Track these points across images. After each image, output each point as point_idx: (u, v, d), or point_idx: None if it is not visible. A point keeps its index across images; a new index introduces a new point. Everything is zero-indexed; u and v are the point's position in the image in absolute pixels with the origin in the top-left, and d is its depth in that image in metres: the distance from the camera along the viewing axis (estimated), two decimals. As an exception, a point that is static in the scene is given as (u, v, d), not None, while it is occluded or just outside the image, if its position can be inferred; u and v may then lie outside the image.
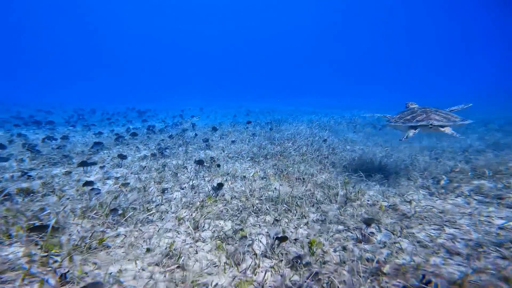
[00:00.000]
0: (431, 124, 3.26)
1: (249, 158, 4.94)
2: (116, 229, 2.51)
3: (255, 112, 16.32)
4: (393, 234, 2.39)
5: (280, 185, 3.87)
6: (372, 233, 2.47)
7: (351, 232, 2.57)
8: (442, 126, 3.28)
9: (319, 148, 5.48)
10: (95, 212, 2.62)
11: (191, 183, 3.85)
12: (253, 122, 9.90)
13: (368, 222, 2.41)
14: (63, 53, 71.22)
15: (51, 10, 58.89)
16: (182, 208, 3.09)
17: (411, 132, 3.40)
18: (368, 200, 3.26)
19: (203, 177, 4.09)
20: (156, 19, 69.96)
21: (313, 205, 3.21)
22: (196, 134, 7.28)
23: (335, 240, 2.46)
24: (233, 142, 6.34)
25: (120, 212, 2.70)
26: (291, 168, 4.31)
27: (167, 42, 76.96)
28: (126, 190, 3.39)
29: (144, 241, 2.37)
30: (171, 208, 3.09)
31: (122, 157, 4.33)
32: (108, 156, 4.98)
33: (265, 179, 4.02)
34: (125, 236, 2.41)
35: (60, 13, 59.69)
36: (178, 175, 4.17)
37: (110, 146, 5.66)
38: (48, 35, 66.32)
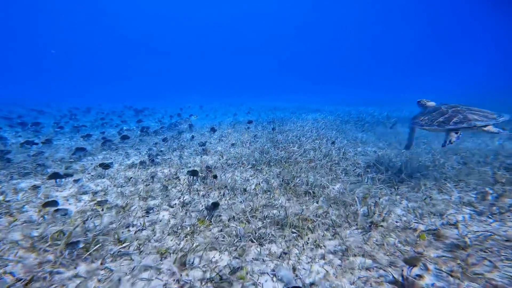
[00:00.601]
0: (475, 126, 2.98)
1: (250, 166, 4.35)
2: (75, 267, 1.94)
3: (256, 110, 15.66)
4: (452, 276, 1.78)
5: (287, 200, 3.28)
6: (419, 275, 1.86)
7: (384, 270, 1.98)
8: (485, 126, 3.03)
9: (328, 153, 4.85)
10: (48, 244, 2.05)
11: (182, 198, 3.28)
12: (255, 121, 9.27)
13: (412, 263, 1.80)
14: (67, 52, 71.00)
15: (57, 9, 58.75)
16: (169, 235, 2.52)
17: (454, 136, 3.11)
18: (397, 222, 2.66)
19: (197, 190, 3.51)
20: (158, 17, 69.01)
21: (328, 229, 2.62)
22: (193, 136, 6.69)
23: (365, 283, 1.87)
24: (232, 145, 5.75)
25: (83, 243, 2.13)
26: (298, 178, 3.71)
27: (170, 39, 76.06)
28: (102, 210, 2.83)
29: (109, 287, 1.81)
30: (154, 234, 2.52)
31: (105, 166, 3.76)
32: (92, 164, 4.42)
33: (269, 193, 3.43)
34: (85, 278, 1.85)
35: (65, 11, 59.61)
36: (169, 188, 3.60)
37: (96, 151, 5.10)
38: (52, 33, 66.07)
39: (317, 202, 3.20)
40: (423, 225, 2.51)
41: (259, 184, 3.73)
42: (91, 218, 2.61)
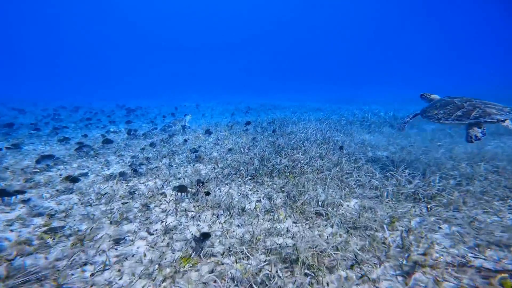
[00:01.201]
0: (497, 120, 2.91)
1: (249, 177, 3.72)
2: None
3: (255, 109, 15.00)
4: None
5: (294, 223, 2.66)
6: None
7: None
8: (504, 120, 2.96)
9: (338, 162, 4.24)
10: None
11: (166, 221, 2.64)
12: (254, 121, 8.64)
13: None
14: (66, 50, 69.98)
15: (53, 8, 57.87)
16: (140, 278, 1.88)
17: (478, 131, 2.99)
18: (444, 256, 2.05)
19: (185, 211, 2.87)
20: (157, 14, 67.79)
21: (351, 267, 2.01)
22: (185, 140, 6.03)
23: None
24: (229, 150, 5.11)
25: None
26: (306, 194, 3.09)
27: (167, 37, 74.87)
28: (53, 240, 2.18)
29: None
30: (120, 278, 1.89)
31: (72, 179, 3.10)
32: (61, 175, 3.74)
33: (272, 213, 2.81)
34: None
35: (63, 10, 58.81)
36: (151, 207, 2.96)
37: (70, 159, 4.41)
38: (51, 31, 65.05)
39: (331, 227, 2.60)
40: (489, 262, 1.90)
41: (260, 201, 3.10)
42: (28, 254, 1.95)
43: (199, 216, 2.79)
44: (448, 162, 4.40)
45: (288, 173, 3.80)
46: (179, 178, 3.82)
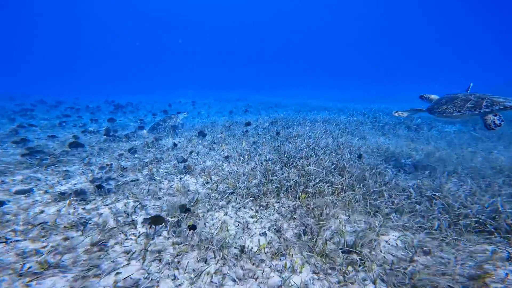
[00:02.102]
0: (509, 106, 2.96)
1: (250, 197, 2.84)
2: None
3: (255, 107, 14.07)
4: None
5: (315, 273, 1.82)
6: None
7: None
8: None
9: (361, 177, 3.35)
10: None
11: (124, 272, 1.76)
12: (255, 121, 7.73)
13: None
14: (68, 50, 68.61)
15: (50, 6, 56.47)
16: None
17: (495, 119, 2.98)
18: None
19: (159, 253, 1.99)
20: (154, 12, 65.93)
21: None
22: (175, 144, 5.13)
23: None
24: (226, 158, 4.21)
25: None
26: (328, 228, 2.23)
27: (165, 33, 73.12)
28: None
29: None
30: None
31: None
32: None
33: (282, 258, 1.95)
34: None
35: (68, 11, 57.86)
36: (109, 245, 2.08)
37: (15, 169, 3.46)
38: (46, 28, 63.67)
39: (373, 283, 1.75)
40: None
41: (265, 234, 2.24)
42: None
43: (178, 262, 1.92)
44: (497, 176, 3.57)
45: (300, 192, 2.93)
46: (159, 198, 2.93)
